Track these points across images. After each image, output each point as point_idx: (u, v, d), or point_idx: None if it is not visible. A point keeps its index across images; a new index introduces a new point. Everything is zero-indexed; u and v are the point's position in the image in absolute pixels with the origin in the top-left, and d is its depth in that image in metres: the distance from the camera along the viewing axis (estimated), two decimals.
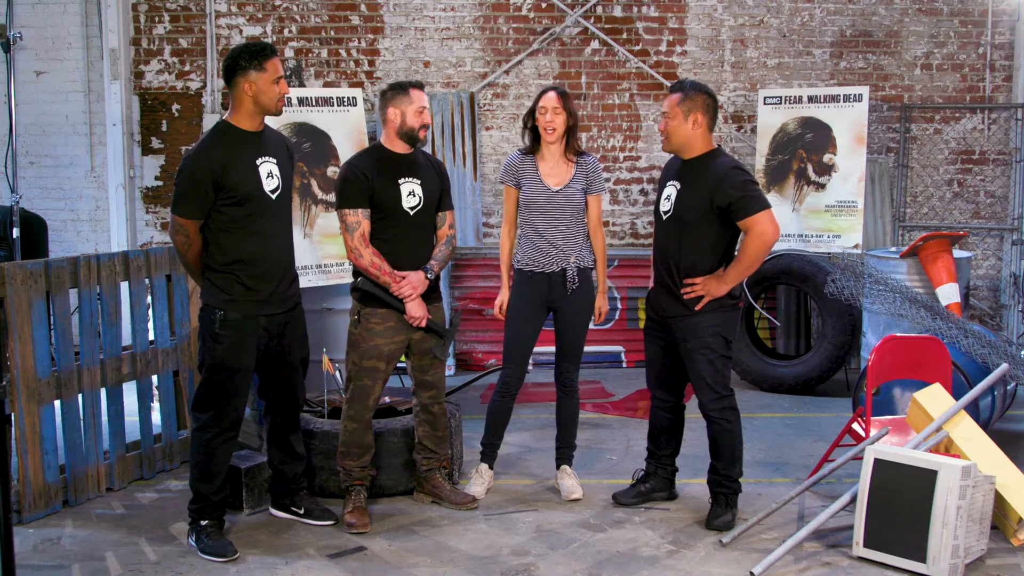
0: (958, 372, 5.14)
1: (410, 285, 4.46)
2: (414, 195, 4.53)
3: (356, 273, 4.56)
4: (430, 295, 4.63)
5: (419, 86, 4.57)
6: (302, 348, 4.53)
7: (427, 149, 7.03)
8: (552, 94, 4.74)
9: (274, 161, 4.27)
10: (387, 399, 5.27)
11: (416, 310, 4.49)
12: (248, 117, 4.21)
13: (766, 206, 4.31)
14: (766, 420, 6.29)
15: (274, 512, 4.68)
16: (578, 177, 4.78)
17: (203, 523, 4.26)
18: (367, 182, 4.44)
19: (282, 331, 4.36)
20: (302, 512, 4.61)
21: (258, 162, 4.20)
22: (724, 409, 4.49)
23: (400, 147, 4.55)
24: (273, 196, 4.25)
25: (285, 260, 4.38)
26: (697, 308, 4.41)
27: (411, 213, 4.53)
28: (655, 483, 4.86)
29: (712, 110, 4.45)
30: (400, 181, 4.51)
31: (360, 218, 4.44)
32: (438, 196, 4.65)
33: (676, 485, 4.93)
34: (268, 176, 4.22)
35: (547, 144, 4.79)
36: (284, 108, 4.33)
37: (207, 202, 4.10)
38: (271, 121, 5.79)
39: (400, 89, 4.53)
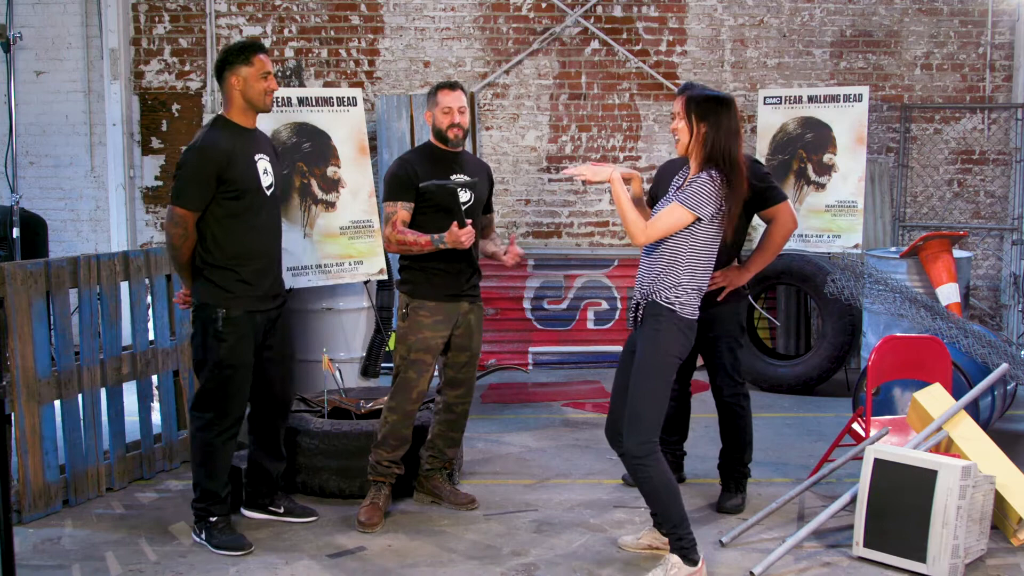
0: (958, 372, 5.14)
1: (453, 237, 4.36)
2: (465, 191, 4.57)
3: (400, 271, 4.64)
4: (470, 287, 4.62)
5: (449, 87, 4.59)
6: (290, 345, 4.55)
7: None
8: None
9: (267, 159, 4.33)
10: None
11: (456, 236, 4.32)
12: (241, 113, 4.24)
13: (786, 196, 4.63)
14: (766, 420, 6.28)
15: (248, 514, 4.60)
16: None
17: (212, 519, 4.26)
18: (415, 178, 4.49)
19: (271, 328, 4.38)
20: (282, 512, 4.58)
21: (256, 157, 4.26)
22: (738, 396, 4.71)
23: (443, 146, 4.61)
24: (268, 192, 4.30)
25: (278, 257, 4.45)
26: (719, 299, 4.57)
27: (463, 209, 4.57)
28: None
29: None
30: (452, 177, 4.55)
31: (397, 209, 4.49)
32: (486, 197, 4.73)
33: (684, 469, 5.11)
34: (264, 172, 4.28)
35: None
36: (285, 108, 4.34)
37: (209, 194, 4.12)
38: (269, 120, 5.85)
39: (433, 91, 4.61)
